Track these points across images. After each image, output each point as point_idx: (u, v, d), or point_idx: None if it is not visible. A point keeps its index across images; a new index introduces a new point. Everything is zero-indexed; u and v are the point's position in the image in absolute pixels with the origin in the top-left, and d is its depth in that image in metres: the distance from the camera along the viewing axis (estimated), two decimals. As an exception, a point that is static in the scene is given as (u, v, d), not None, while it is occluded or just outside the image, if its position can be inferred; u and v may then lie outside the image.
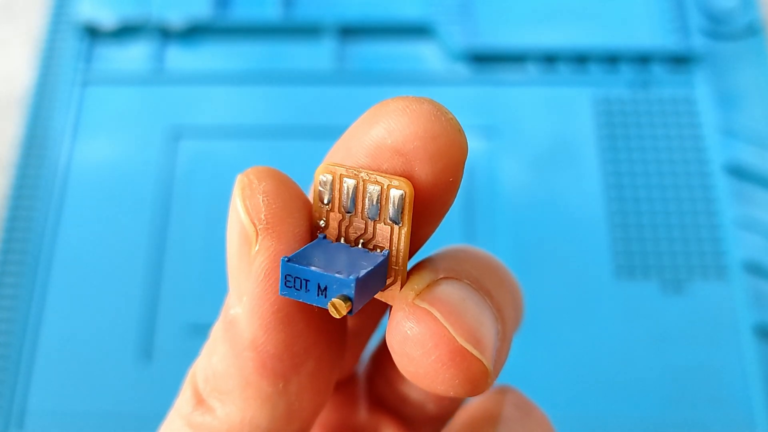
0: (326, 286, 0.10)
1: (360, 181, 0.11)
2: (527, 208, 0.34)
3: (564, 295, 0.32)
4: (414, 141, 0.10)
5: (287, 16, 0.38)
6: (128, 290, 0.32)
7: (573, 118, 0.36)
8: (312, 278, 0.10)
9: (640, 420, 0.30)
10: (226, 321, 0.11)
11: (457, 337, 0.10)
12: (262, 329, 0.11)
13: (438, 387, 0.11)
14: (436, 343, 0.10)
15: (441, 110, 0.11)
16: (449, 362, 0.10)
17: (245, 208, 0.11)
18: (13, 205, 0.34)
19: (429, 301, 0.11)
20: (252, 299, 0.11)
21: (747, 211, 0.34)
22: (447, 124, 0.11)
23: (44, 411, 0.30)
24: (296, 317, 0.11)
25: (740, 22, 0.38)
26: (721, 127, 0.35)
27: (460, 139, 0.11)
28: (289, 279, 0.10)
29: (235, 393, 0.11)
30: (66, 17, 0.39)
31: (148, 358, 0.31)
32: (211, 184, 0.34)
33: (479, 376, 0.11)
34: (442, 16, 0.38)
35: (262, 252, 0.10)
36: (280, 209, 0.11)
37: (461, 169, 0.11)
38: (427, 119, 0.10)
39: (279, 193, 0.11)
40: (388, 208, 0.11)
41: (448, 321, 0.11)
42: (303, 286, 0.10)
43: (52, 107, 0.36)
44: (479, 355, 0.11)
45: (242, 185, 0.11)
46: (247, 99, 0.36)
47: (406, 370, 0.11)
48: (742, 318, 0.32)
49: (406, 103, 0.11)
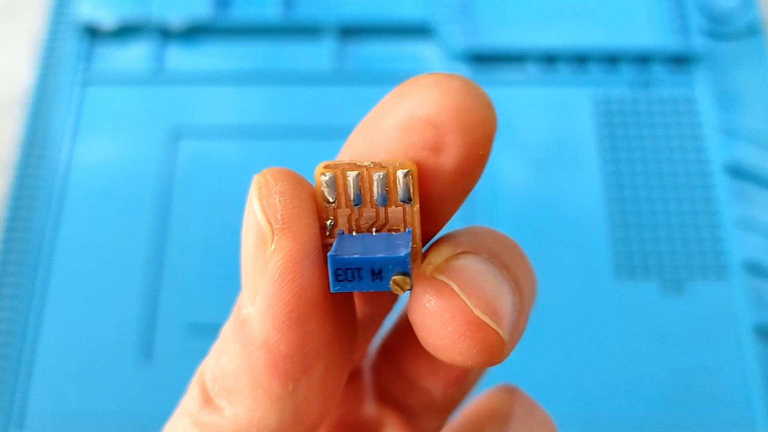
0: (380, 269, 0.10)
1: (364, 171, 0.11)
2: (527, 208, 0.34)
3: (564, 295, 0.32)
4: (447, 112, 0.11)
5: (287, 16, 0.38)
6: (128, 290, 0.32)
7: (573, 118, 0.36)
8: (364, 265, 0.10)
9: (640, 420, 0.30)
10: (238, 321, 0.11)
11: (474, 308, 0.11)
12: (276, 329, 0.11)
13: (456, 357, 0.11)
14: (453, 314, 0.11)
15: (472, 85, 0.11)
16: (466, 333, 0.11)
17: (262, 207, 0.11)
18: (13, 205, 0.34)
19: (447, 274, 0.11)
20: (266, 299, 0.11)
21: (747, 211, 0.34)
22: (478, 98, 0.11)
23: (44, 411, 0.30)
24: (310, 318, 0.11)
25: (740, 22, 0.38)
26: (721, 127, 0.35)
27: (491, 113, 0.11)
28: (340, 273, 0.10)
29: (245, 393, 0.11)
30: (66, 17, 0.39)
31: (148, 358, 0.31)
32: (211, 184, 0.34)
33: (496, 347, 0.11)
34: (442, 16, 0.38)
35: (278, 252, 0.11)
36: (296, 209, 0.11)
37: (491, 143, 0.11)
38: (459, 92, 0.11)
39: (295, 194, 0.11)
40: (398, 189, 0.11)
41: (465, 293, 0.11)
42: (356, 276, 0.10)
43: (52, 107, 0.36)
44: (495, 326, 0.11)
45: (259, 185, 0.11)
46: (247, 99, 0.36)
47: (427, 342, 0.11)
48: (742, 318, 0.32)
49: (437, 77, 0.11)
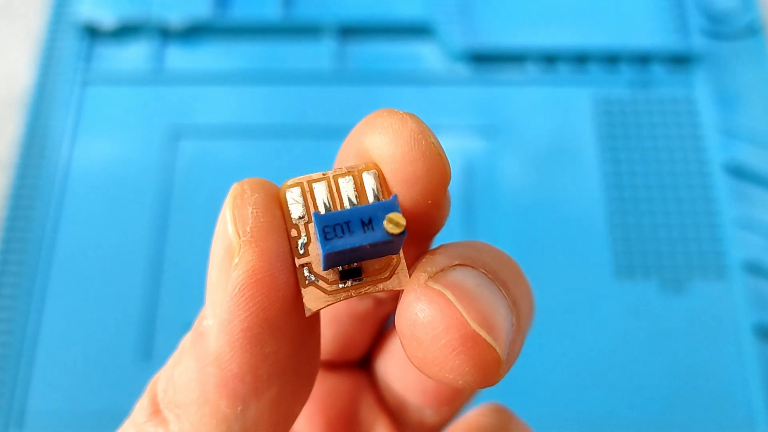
0: (370, 218, 0.10)
1: (329, 180, 0.11)
2: (527, 207, 0.34)
3: (564, 295, 0.32)
4: (392, 163, 0.10)
5: (287, 16, 0.38)
6: (128, 290, 0.32)
7: (573, 118, 0.36)
8: (352, 217, 0.10)
9: (640, 420, 0.30)
10: (197, 332, 0.11)
11: (470, 321, 0.10)
12: (229, 346, 0.10)
13: (446, 375, 0.10)
14: (447, 326, 0.10)
15: (424, 132, 0.10)
16: (460, 347, 0.10)
17: (233, 218, 0.10)
18: (13, 205, 0.34)
19: (443, 283, 0.10)
20: (223, 313, 0.10)
21: (747, 211, 0.34)
22: (426, 149, 0.10)
23: (44, 411, 0.30)
24: (266, 339, 0.10)
25: (740, 22, 0.38)
26: (721, 127, 0.35)
27: (440, 164, 0.10)
28: (329, 229, 0.10)
29: (192, 409, 0.11)
30: (66, 17, 0.39)
31: (148, 358, 0.31)
32: (211, 184, 0.34)
33: (491, 365, 0.10)
34: (442, 16, 0.38)
35: (241, 266, 0.10)
36: (267, 224, 0.10)
37: (442, 192, 0.11)
38: (407, 142, 0.10)
39: (269, 208, 0.11)
40: (366, 192, 0.11)
41: (462, 304, 0.10)
42: (346, 230, 0.10)
43: (52, 107, 0.36)
44: (492, 342, 0.10)
45: (234, 194, 0.11)
46: (247, 99, 0.36)
47: (414, 355, 0.10)
48: (742, 318, 0.32)
49: (390, 120, 0.10)
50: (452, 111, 0.36)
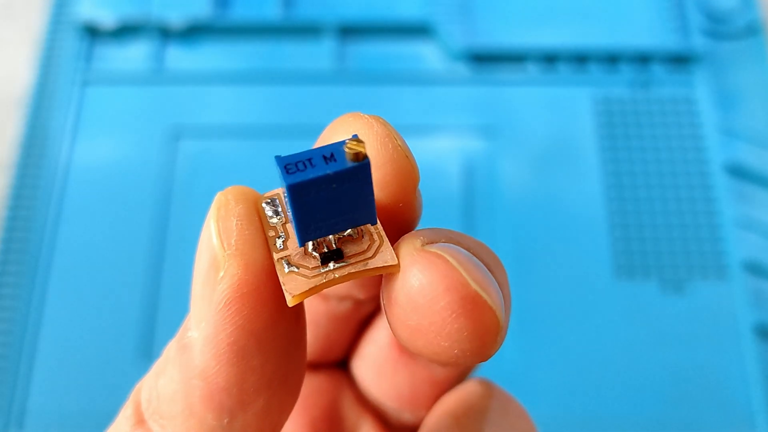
0: (332, 153, 0.09)
1: None
2: (527, 208, 0.34)
3: (564, 295, 0.32)
4: None
5: (287, 16, 0.38)
6: (128, 290, 0.32)
7: (573, 118, 0.36)
8: (314, 155, 0.09)
9: (640, 420, 0.30)
10: (181, 343, 0.11)
11: (471, 281, 0.10)
12: (215, 359, 0.10)
13: (441, 342, 0.10)
14: (447, 286, 0.10)
15: (390, 135, 0.10)
16: (460, 309, 0.10)
17: (217, 230, 0.10)
18: (13, 205, 0.34)
19: (438, 248, 0.10)
20: (209, 326, 0.10)
21: (747, 211, 0.34)
22: (394, 152, 0.10)
23: (44, 411, 0.30)
24: (252, 352, 0.10)
25: (740, 22, 0.38)
26: (721, 127, 0.35)
27: (408, 166, 0.10)
28: (290, 165, 0.09)
29: (177, 420, 0.10)
30: (66, 17, 0.39)
31: (148, 358, 0.31)
32: (211, 184, 0.34)
33: (491, 330, 0.10)
34: (442, 16, 0.38)
35: (227, 279, 0.10)
36: (252, 236, 0.10)
37: (412, 194, 0.11)
38: (374, 146, 0.10)
39: (254, 219, 0.10)
40: None
41: (462, 266, 0.10)
42: (308, 165, 0.09)
43: (52, 107, 0.36)
44: (493, 305, 0.10)
45: (218, 205, 0.11)
46: (247, 99, 0.36)
47: (406, 324, 0.10)
48: (742, 318, 0.32)
49: (357, 124, 0.10)
50: (452, 111, 0.36)
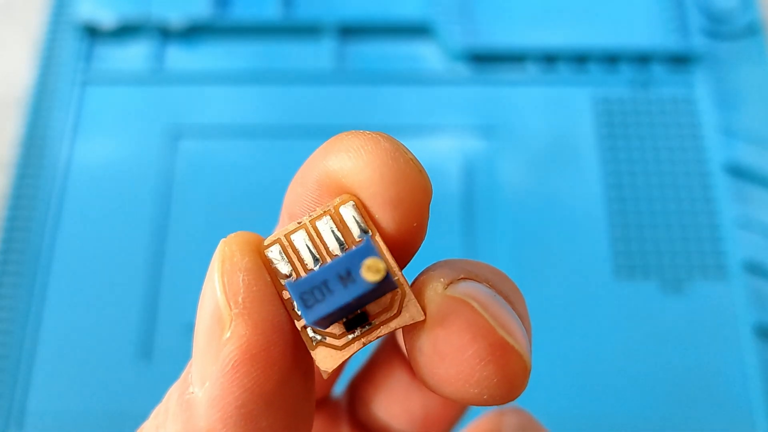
0: (347, 269, 0.09)
1: (306, 227, 0.10)
2: (527, 208, 0.34)
3: (564, 295, 0.32)
4: (370, 187, 0.09)
5: (287, 16, 0.38)
6: (128, 290, 0.32)
7: (573, 118, 0.36)
8: (328, 275, 0.09)
9: (640, 420, 0.30)
10: (183, 398, 0.10)
11: (498, 328, 0.09)
12: (221, 422, 0.09)
13: (470, 389, 0.10)
14: (474, 335, 0.09)
15: (400, 150, 0.10)
16: (488, 357, 0.09)
17: (222, 286, 0.10)
18: (13, 204, 0.34)
19: (462, 292, 0.10)
20: (215, 388, 0.09)
21: (747, 211, 0.34)
22: (406, 167, 0.10)
23: (44, 411, 0.30)
24: (261, 414, 0.09)
25: (740, 22, 0.38)
26: (721, 127, 0.35)
27: (422, 182, 0.10)
28: (307, 296, 0.09)
29: None
30: (66, 17, 0.39)
31: (148, 358, 0.31)
32: (211, 184, 0.34)
33: (520, 374, 0.10)
34: (442, 16, 0.38)
35: (234, 340, 0.09)
36: (260, 292, 0.10)
37: (426, 212, 0.10)
38: (385, 162, 0.09)
39: (261, 273, 0.10)
40: (349, 226, 0.10)
41: (488, 312, 0.09)
42: (325, 290, 0.09)
43: (52, 107, 0.36)
44: (520, 349, 0.10)
45: (223, 257, 0.10)
46: (247, 99, 0.36)
47: (434, 373, 0.10)
48: (742, 318, 0.32)
49: (360, 141, 0.10)
50: (452, 111, 0.36)
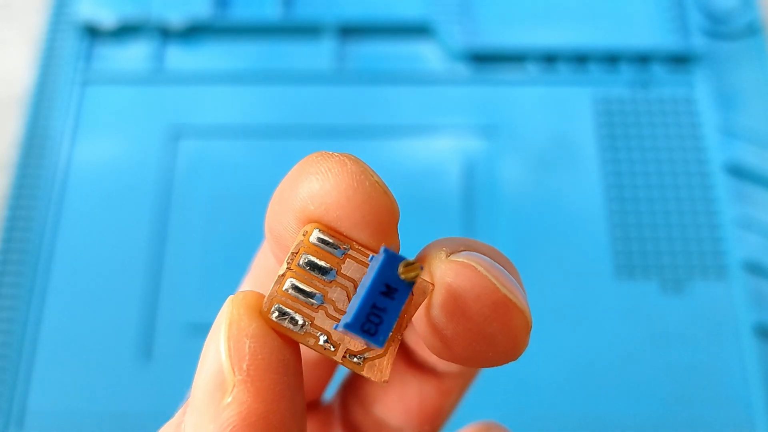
0: (386, 284, 0.09)
1: (291, 272, 0.10)
2: (527, 207, 0.34)
3: (564, 295, 0.32)
4: (336, 210, 0.10)
5: (287, 16, 0.38)
6: (128, 290, 0.32)
7: (573, 118, 0.36)
8: (373, 298, 0.09)
9: (640, 420, 0.30)
10: None
11: (500, 286, 0.10)
12: None
13: (476, 347, 0.10)
14: (478, 294, 0.10)
15: (365, 172, 0.10)
16: (492, 314, 0.10)
17: (228, 350, 0.10)
18: (13, 204, 0.34)
19: (464, 257, 0.10)
20: None
21: (747, 211, 0.34)
22: (371, 189, 0.10)
23: (44, 411, 0.30)
24: None
25: (740, 22, 0.38)
26: (721, 127, 0.35)
27: (387, 203, 0.10)
28: (367, 326, 0.09)
29: None
30: (66, 17, 0.39)
31: (148, 358, 0.31)
32: (211, 184, 0.34)
33: (522, 330, 0.10)
34: (442, 15, 0.38)
35: (235, 407, 0.09)
36: (265, 362, 0.10)
37: (393, 231, 0.10)
38: (349, 185, 0.10)
39: (267, 341, 0.10)
40: (327, 250, 0.10)
41: (489, 272, 0.10)
42: (378, 311, 0.09)
43: (52, 107, 0.36)
44: (521, 306, 0.10)
45: (230, 321, 0.10)
46: (247, 99, 0.36)
47: (442, 334, 0.10)
48: (742, 318, 0.32)
49: (327, 164, 0.10)
50: (452, 111, 0.36)
